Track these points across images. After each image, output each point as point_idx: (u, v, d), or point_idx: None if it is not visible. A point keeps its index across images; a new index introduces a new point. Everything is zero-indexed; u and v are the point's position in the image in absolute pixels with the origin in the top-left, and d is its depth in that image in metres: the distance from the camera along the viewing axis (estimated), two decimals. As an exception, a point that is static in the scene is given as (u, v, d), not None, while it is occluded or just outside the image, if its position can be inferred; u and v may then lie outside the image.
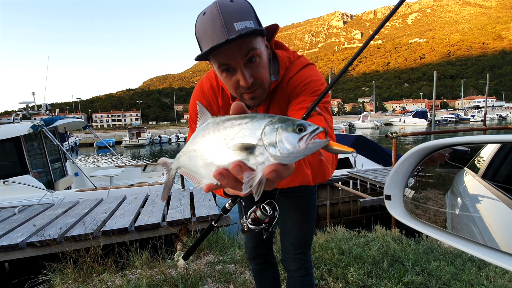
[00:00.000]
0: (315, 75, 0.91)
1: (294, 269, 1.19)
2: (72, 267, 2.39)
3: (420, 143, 0.65)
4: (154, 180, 6.55)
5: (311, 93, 0.88)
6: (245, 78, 0.77)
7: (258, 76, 0.80)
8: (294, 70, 0.92)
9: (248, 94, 0.83)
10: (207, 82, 1.01)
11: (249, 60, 0.76)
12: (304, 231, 1.18)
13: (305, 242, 1.19)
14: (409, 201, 0.71)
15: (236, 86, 0.81)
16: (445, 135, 8.35)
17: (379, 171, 6.33)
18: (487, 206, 0.58)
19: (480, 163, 0.63)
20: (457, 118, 47.57)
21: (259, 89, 0.83)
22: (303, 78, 0.90)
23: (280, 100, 0.93)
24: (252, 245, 1.30)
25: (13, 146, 5.50)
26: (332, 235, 2.95)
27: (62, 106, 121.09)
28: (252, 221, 0.85)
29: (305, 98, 0.87)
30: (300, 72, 0.91)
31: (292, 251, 1.19)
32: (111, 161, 19.29)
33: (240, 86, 0.80)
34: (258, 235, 1.21)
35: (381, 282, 1.94)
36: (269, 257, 1.34)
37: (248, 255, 1.33)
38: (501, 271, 2.01)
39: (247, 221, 0.87)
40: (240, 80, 0.78)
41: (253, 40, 0.75)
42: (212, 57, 0.76)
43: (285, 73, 0.92)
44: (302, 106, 0.84)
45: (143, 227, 3.51)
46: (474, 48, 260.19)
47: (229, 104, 0.98)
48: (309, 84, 0.89)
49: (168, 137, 36.99)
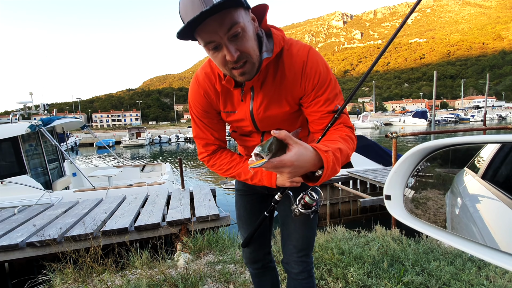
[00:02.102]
0: (324, 65, 0.92)
1: (296, 272, 1.17)
2: (72, 267, 2.39)
3: (420, 143, 0.65)
4: (153, 180, 6.55)
5: (326, 86, 0.91)
6: (230, 52, 0.77)
7: (243, 49, 0.79)
8: (296, 50, 0.91)
9: (236, 70, 0.83)
10: (202, 72, 1.01)
11: (234, 35, 0.76)
12: (307, 233, 1.16)
13: (308, 245, 1.17)
14: (409, 201, 0.71)
15: (223, 62, 0.81)
16: (445, 135, 8.36)
17: (379, 171, 6.33)
18: (487, 206, 0.58)
19: (480, 163, 0.63)
20: (457, 118, 47.60)
21: (248, 63, 0.82)
22: (315, 67, 0.90)
23: (277, 76, 0.92)
24: (249, 250, 1.27)
25: (10, 146, 5.49)
26: (332, 235, 2.95)
27: (62, 106, 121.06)
28: (302, 206, 0.93)
29: (325, 95, 0.91)
30: (309, 57, 0.90)
31: (295, 253, 1.16)
32: (110, 161, 19.29)
33: (227, 61, 0.80)
34: (255, 239, 1.20)
35: (381, 282, 1.94)
36: (267, 262, 1.32)
37: (246, 259, 1.32)
38: (501, 271, 2.01)
39: (298, 206, 0.94)
40: (226, 55, 0.78)
41: (234, 13, 0.74)
42: (197, 36, 0.77)
43: (281, 50, 0.91)
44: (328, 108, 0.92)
45: (143, 227, 3.51)
46: (474, 48, 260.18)
47: (228, 90, 0.98)
48: (321, 75, 0.90)
49: (168, 137, 37.00)
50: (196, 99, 1.03)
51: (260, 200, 1.23)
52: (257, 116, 0.99)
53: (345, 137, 0.88)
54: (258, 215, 1.19)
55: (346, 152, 0.85)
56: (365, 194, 5.53)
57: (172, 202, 4.49)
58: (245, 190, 1.25)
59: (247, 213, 1.25)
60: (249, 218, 1.24)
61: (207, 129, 1.07)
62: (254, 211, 1.23)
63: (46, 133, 5.79)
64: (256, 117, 1.00)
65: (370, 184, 6.34)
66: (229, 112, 1.03)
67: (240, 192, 1.27)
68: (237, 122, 1.05)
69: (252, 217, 1.23)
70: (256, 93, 0.96)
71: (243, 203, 1.25)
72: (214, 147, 1.10)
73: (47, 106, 7.36)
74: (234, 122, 1.06)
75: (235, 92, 0.98)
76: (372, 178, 5.68)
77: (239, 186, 1.27)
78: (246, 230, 1.26)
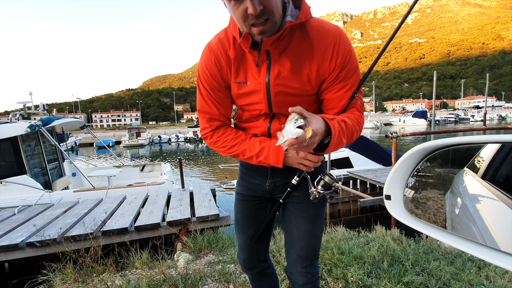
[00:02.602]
0: (353, 51, 0.91)
1: (301, 283, 1.09)
2: (72, 267, 2.39)
3: (420, 143, 0.65)
4: (153, 180, 6.55)
5: (355, 69, 0.91)
6: (254, 4, 0.72)
7: (267, 4, 0.75)
8: (327, 25, 0.88)
9: (256, 28, 0.78)
10: (215, 38, 0.96)
11: None
12: (312, 242, 1.08)
13: (313, 254, 1.09)
14: (409, 201, 0.71)
15: (244, 15, 0.76)
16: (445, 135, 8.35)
17: (379, 171, 6.34)
18: (487, 206, 0.58)
19: (480, 163, 0.63)
20: (457, 118, 47.63)
21: (269, 21, 0.78)
22: (348, 47, 0.88)
23: (302, 46, 0.88)
24: (243, 257, 1.22)
25: (10, 146, 5.48)
26: (332, 235, 2.95)
27: (62, 106, 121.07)
28: (322, 187, 0.93)
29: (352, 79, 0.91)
30: (342, 36, 0.87)
31: (299, 263, 1.08)
32: (110, 161, 19.29)
33: (248, 15, 0.75)
34: (250, 247, 1.18)
35: (381, 282, 1.94)
36: (263, 268, 1.25)
37: (241, 266, 1.26)
38: (501, 271, 2.01)
39: (317, 188, 0.93)
40: (248, 7, 0.73)
41: None
42: None
43: (308, 21, 0.87)
44: (351, 89, 0.92)
45: (143, 227, 3.51)
46: (474, 48, 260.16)
47: (243, 56, 0.92)
48: (352, 57, 0.90)
49: (168, 137, 37.01)
50: (206, 67, 0.97)
51: (259, 206, 1.16)
52: (274, 89, 0.91)
53: (352, 118, 0.91)
54: (255, 222, 1.15)
55: (351, 127, 0.87)
56: (365, 194, 5.52)
57: (172, 202, 4.49)
58: (244, 194, 1.17)
59: (244, 219, 1.18)
60: (245, 225, 1.18)
61: (213, 102, 1.00)
62: (251, 218, 1.17)
63: (46, 133, 5.79)
64: (273, 90, 0.92)
65: (370, 184, 6.35)
66: (241, 83, 0.95)
67: (240, 196, 1.19)
68: (249, 97, 0.97)
69: (248, 223, 1.17)
70: (274, 61, 0.89)
71: (241, 208, 1.18)
72: (219, 123, 1.03)
73: (46, 106, 7.36)
74: (245, 96, 0.97)
75: (250, 59, 0.92)
76: (372, 178, 5.68)
77: (239, 190, 1.20)
78: (241, 236, 1.20)
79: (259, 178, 1.11)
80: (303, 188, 1.03)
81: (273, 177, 1.08)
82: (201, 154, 23.35)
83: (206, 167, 16.95)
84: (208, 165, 17.69)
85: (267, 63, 0.89)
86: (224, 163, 14.11)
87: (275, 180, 1.08)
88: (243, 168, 1.16)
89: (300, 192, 1.05)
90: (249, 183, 1.14)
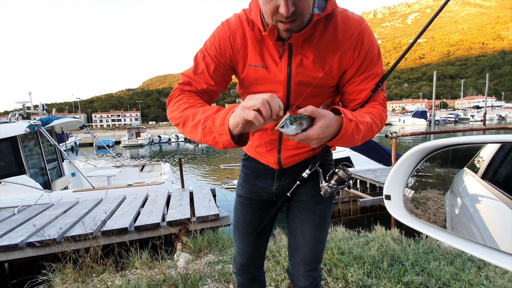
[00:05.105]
0: (376, 43, 0.90)
1: (303, 286, 1.08)
2: (71, 267, 2.39)
3: (420, 143, 0.65)
4: (152, 180, 6.55)
5: (377, 59, 0.90)
6: (288, 6, 0.70)
7: (300, 5, 0.72)
8: (351, 14, 0.87)
9: (284, 25, 0.76)
10: (235, 15, 0.92)
11: None
12: (317, 248, 1.06)
13: (316, 258, 1.07)
14: (409, 201, 0.71)
15: (274, 12, 0.73)
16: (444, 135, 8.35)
17: (379, 171, 6.34)
18: (487, 206, 0.58)
19: (480, 163, 0.63)
20: (456, 118, 47.69)
21: (297, 21, 0.75)
22: (372, 37, 0.87)
23: (326, 37, 0.85)
24: (241, 262, 1.18)
25: (9, 146, 5.48)
26: (332, 235, 2.95)
27: (62, 106, 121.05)
28: (336, 181, 0.89)
29: (374, 69, 0.89)
30: (366, 26, 0.86)
31: (303, 267, 1.07)
32: (110, 162, 19.29)
33: (279, 13, 0.72)
34: (249, 253, 1.15)
35: (381, 282, 1.94)
36: (258, 275, 1.21)
37: (236, 269, 1.21)
38: (501, 271, 2.01)
39: (330, 182, 0.90)
40: (280, 6, 0.71)
41: None
42: None
43: (333, 11, 0.84)
44: (373, 80, 0.90)
45: (143, 227, 3.51)
46: (473, 48, 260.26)
47: (260, 40, 0.87)
48: (376, 47, 0.88)
49: (168, 137, 37.00)
50: (218, 39, 0.90)
51: (262, 211, 1.10)
52: (295, 77, 0.87)
53: (374, 113, 0.87)
54: (256, 228, 1.11)
55: (371, 126, 0.84)
56: (365, 194, 5.53)
57: (172, 202, 4.49)
58: (248, 197, 1.10)
59: (246, 223, 1.12)
60: (246, 230, 1.12)
61: (204, 73, 0.90)
62: (253, 223, 1.11)
63: (45, 133, 5.78)
64: (294, 79, 0.88)
65: (370, 184, 6.35)
66: (258, 66, 0.89)
67: (242, 199, 1.12)
68: (265, 84, 0.91)
69: (249, 229, 1.12)
70: (295, 51, 0.86)
71: (243, 212, 1.12)
72: (195, 93, 0.91)
73: (46, 106, 7.36)
74: (262, 82, 0.91)
75: (269, 44, 0.87)
76: (372, 178, 5.68)
77: (242, 192, 1.12)
78: (240, 241, 1.15)
79: (266, 181, 1.07)
80: (310, 193, 1.01)
81: (280, 180, 1.05)
82: (201, 154, 23.36)
83: (206, 167, 16.95)
84: (208, 165, 17.70)
85: (288, 51, 0.86)
86: (224, 163, 14.11)
87: (282, 183, 1.05)
88: (248, 170, 1.13)
89: (307, 197, 1.03)
90: (254, 186, 1.10)
